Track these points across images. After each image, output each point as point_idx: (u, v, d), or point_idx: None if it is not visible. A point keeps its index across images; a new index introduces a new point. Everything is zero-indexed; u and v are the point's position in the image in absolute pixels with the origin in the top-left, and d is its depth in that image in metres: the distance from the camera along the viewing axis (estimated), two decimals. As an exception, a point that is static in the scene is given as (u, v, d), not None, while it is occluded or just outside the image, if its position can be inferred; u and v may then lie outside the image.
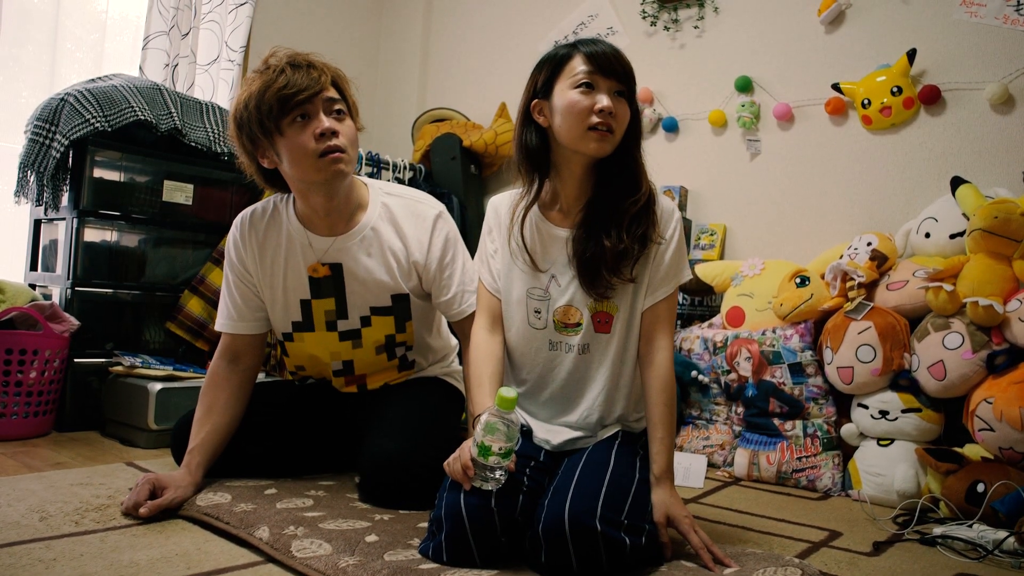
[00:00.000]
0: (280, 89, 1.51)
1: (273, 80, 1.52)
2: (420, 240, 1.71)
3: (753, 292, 2.45)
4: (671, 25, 2.98)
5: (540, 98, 1.45)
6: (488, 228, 1.58)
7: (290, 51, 1.59)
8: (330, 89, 1.58)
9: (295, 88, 1.51)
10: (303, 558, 1.22)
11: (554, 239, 1.49)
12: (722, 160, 2.84)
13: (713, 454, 2.34)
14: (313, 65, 1.57)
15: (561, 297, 1.48)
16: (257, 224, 1.71)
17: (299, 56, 1.57)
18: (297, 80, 1.52)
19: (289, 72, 1.53)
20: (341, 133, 1.57)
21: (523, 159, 1.50)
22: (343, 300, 1.71)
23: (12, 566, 1.16)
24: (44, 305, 2.28)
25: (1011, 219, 1.94)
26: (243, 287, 1.72)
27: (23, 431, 2.19)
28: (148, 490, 1.47)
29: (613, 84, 1.40)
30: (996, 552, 1.53)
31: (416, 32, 3.89)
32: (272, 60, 1.57)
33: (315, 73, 1.55)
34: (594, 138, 1.38)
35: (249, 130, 1.56)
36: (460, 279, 1.72)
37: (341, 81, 1.63)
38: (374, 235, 1.69)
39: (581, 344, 1.48)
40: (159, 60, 2.96)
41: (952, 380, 1.93)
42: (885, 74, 2.42)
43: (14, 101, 2.84)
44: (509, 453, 1.24)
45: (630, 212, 1.42)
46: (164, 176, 2.54)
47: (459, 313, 1.72)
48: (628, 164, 1.45)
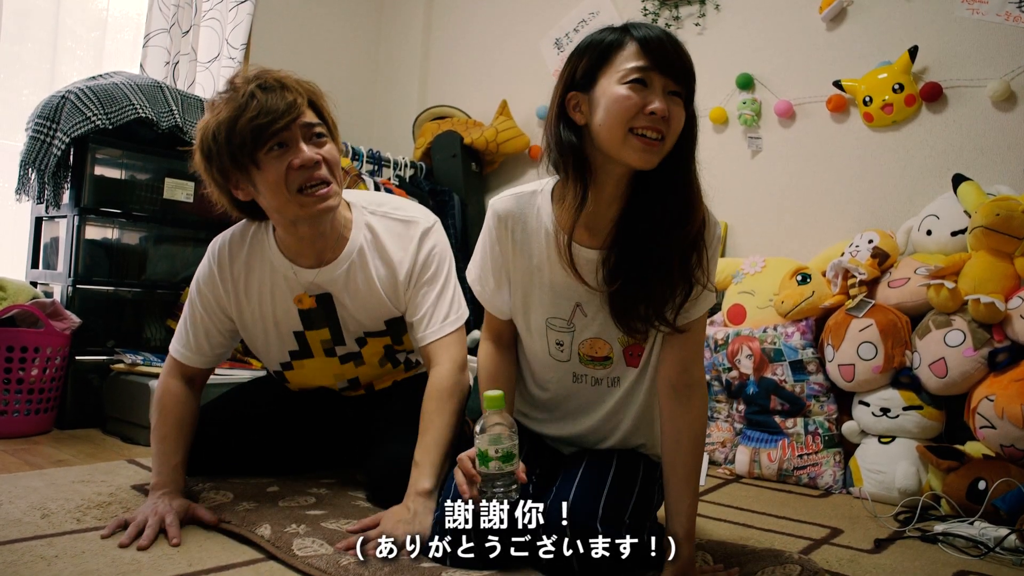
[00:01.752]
0: (253, 118, 1.35)
1: (244, 107, 1.35)
2: (403, 261, 1.56)
3: (754, 290, 2.45)
4: (672, 22, 2.98)
5: (579, 91, 1.21)
6: (492, 239, 1.34)
7: (258, 69, 1.43)
8: (307, 112, 1.42)
9: (269, 116, 1.35)
10: (304, 556, 1.22)
11: (580, 261, 1.25)
12: (723, 157, 2.83)
13: (714, 452, 2.34)
14: (286, 86, 1.40)
15: (587, 329, 1.31)
16: (237, 257, 1.56)
17: (269, 75, 1.41)
18: (271, 106, 1.36)
19: (261, 96, 1.36)
20: (324, 160, 1.42)
21: (568, 156, 1.22)
22: (337, 329, 1.60)
23: (14, 563, 1.16)
24: (45, 303, 2.28)
25: (1013, 216, 1.93)
26: (209, 324, 1.58)
27: (24, 428, 2.19)
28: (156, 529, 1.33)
29: (669, 83, 1.17)
30: (997, 549, 1.53)
31: (417, 29, 3.88)
32: (239, 81, 1.40)
33: (290, 96, 1.39)
34: (638, 147, 1.15)
35: (220, 163, 1.40)
36: (434, 300, 1.55)
37: (318, 99, 1.47)
38: (359, 262, 1.55)
39: (610, 378, 1.35)
40: (160, 58, 2.95)
41: (953, 377, 1.93)
42: (887, 71, 2.42)
43: (15, 99, 2.84)
44: (510, 456, 1.17)
45: (680, 246, 1.20)
46: (165, 174, 2.54)
47: (422, 338, 1.54)
48: (679, 182, 1.21)
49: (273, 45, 3.53)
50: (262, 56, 3.46)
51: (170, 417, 1.53)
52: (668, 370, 1.28)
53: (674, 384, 1.28)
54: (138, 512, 1.35)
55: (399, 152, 3.46)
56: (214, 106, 1.41)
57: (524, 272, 1.31)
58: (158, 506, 1.36)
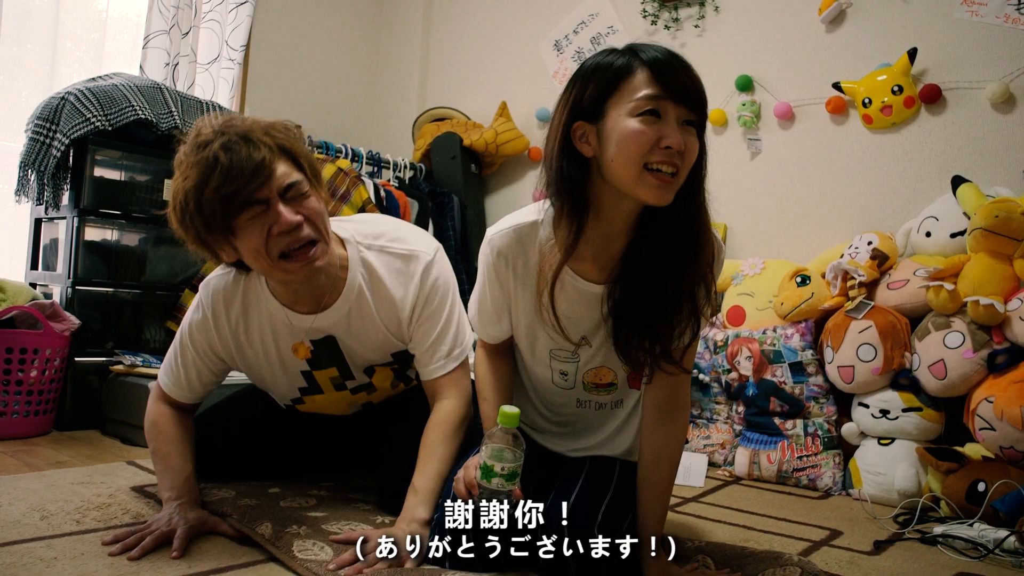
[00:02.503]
0: (219, 188, 1.24)
1: (209, 173, 1.24)
2: (405, 299, 1.47)
3: (754, 291, 2.45)
4: (671, 24, 2.98)
5: (587, 120, 1.14)
6: (491, 275, 1.30)
7: (224, 121, 1.30)
8: (280, 166, 1.29)
9: (235, 184, 1.24)
10: (304, 559, 1.22)
11: (584, 295, 1.24)
12: (722, 159, 2.83)
13: (714, 453, 2.34)
14: (253, 140, 1.27)
15: (593, 360, 1.30)
16: (232, 304, 1.48)
17: (233, 129, 1.28)
18: (237, 170, 1.24)
19: (224, 159, 1.24)
20: (307, 218, 1.31)
21: (565, 195, 1.17)
22: (344, 366, 1.56)
23: (13, 565, 1.16)
24: (45, 304, 2.28)
25: (1012, 218, 1.94)
26: (201, 365, 1.52)
27: (24, 430, 2.19)
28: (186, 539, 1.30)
29: (683, 112, 1.11)
30: (997, 551, 1.53)
31: (416, 31, 3.89)
32: (203, 137, 1.28)
33: (257, 154, 1.26)
34: (653, 184, 1.09)
35: (195, 231, 1.31)
36: (438, 336, 1.47)
37: (292, 145, 1.33)
38: (359, 303, 1.47)
39: (614, 402, 1.37)
40: (159, 59, 2.95)
41: (953, 379, 1.93)
42: (886, 73, 2.42)
43: (14, 100, 2.84)
44: (514, 475, 1.16)
45: (688, 281, 1.17)
46: (165, 175, 2.53)
47: (427, 373, 1.49)
48: (689, 215, 1.16)
49: (273, 47, 3.53)
50: (262, 58, 3.47)
51: (169, 435, 1.49)
52: (656, 393, 1.27)
53: (660, 405, 1.27)
54: (152, 521, 1.31)
55: (398, 154, 3.46)
56: (181, 167, 1.30)
57: (527, 305, 1.29)
58: (173, 518, 1.31)
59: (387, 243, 1.48)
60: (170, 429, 1.50)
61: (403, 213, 3.01)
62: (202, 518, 1.35)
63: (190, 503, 1.37)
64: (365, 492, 1.65)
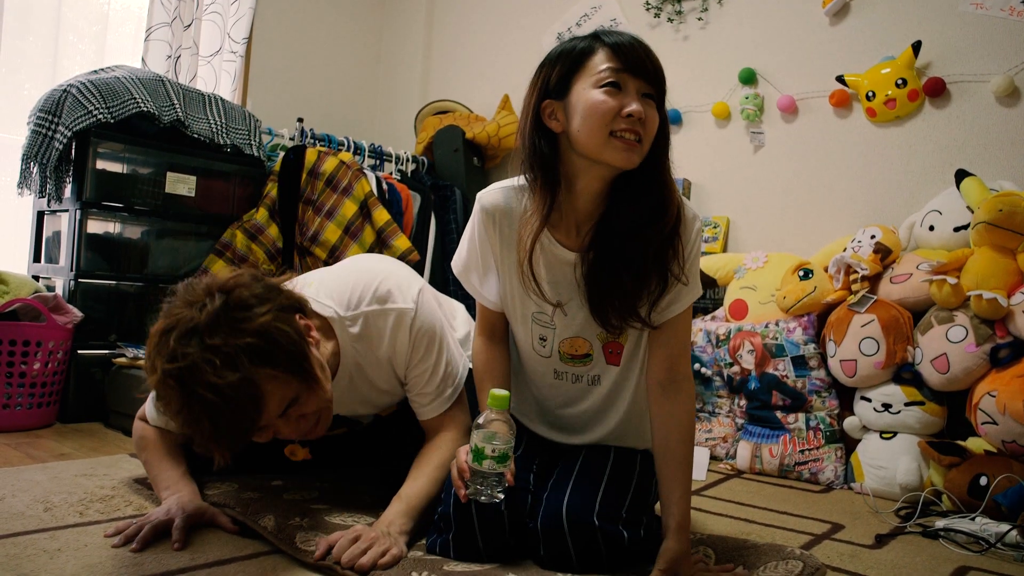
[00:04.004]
0: (210, 440, 1.16)
1: (194, 430, 1.15)
2: (395, 355, 1.43)
3: (756, 285, 2.44)
4: (675, 17, 2.97)
5: (553, 98, 1.23)
6: (479, 232, 1.34)
7: (198, 367, 1.10)
8: (271, 405, 1.18)
9: (223, 444, 1.17)
10: (308, 550, 1.22)
11: (560, 262, 1.30)
12: (726, 152, 2.83)
13: (716, 447, 2.34)
14: (239, 405, 1.13)
15: (568, 328, 1.33)
16: None
17: (211, 389, 1.10)
18: (226, 431, 1.15)
19: (209, 426, 1.13)
20: (307, 415, 1.27)
21: (538, 170, 1.25)
22: (352, 424, 1.59)
23: (17, 556, 1.16)
24: (47, 296, 2.28)
25: (1016, 212, 1.93)
26: None
27: (27, 422, 2.19)
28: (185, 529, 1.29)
29: (642, 85, 1.20)
30: (998, 545, 1.53)
31: (419, 24, 3.88)
32: (178, 392, 1.12)
33: (245, 416, 1.15)
34: (619, 147, 1.18)
35: None
36: (429, 379, 1.45)
37: (281, 370, 1.17)
38: (354, 380, 1.45)
39: (591, 376, 1.37)
40: (161, 52, 2.95)
41: (955, 373, 1.93)
42: (890, 66, 2.41)
43: (17, 93, 2.84)
44: (505, 457, 1.18)
45: (654, 242, 1.24)
46: (167, 168, 2.54)
47: (423, 414, 1.48)
48: (653, 181, 1.24)
49: (274, 39, 3.53)
50: (264, 50, 3.46)
51: (157, 445, 1.48)
52: (655, 367, 1.32)
53: (661, 381, 1.30)
54: (151, 513, 1.31)
55: (401, 147, 3.46)
56: (159, 397, 1.16)
57: (512, 265, 1.32)
58: (171, 509, 1.31)
59: (368, 307, 1.41)
60: (157, 440, 1.49)
61: (405, 206, 3.01)
62: (200, 508, 1.35)
63: (188, 495, 1.37)
64: (369, 484, 1.65)
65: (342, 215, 2.72)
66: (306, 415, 1.27)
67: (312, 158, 2.78)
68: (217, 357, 1.10)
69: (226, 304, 1.15)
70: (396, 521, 1.28)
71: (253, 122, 2.74)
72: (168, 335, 1.13)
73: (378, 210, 2.77)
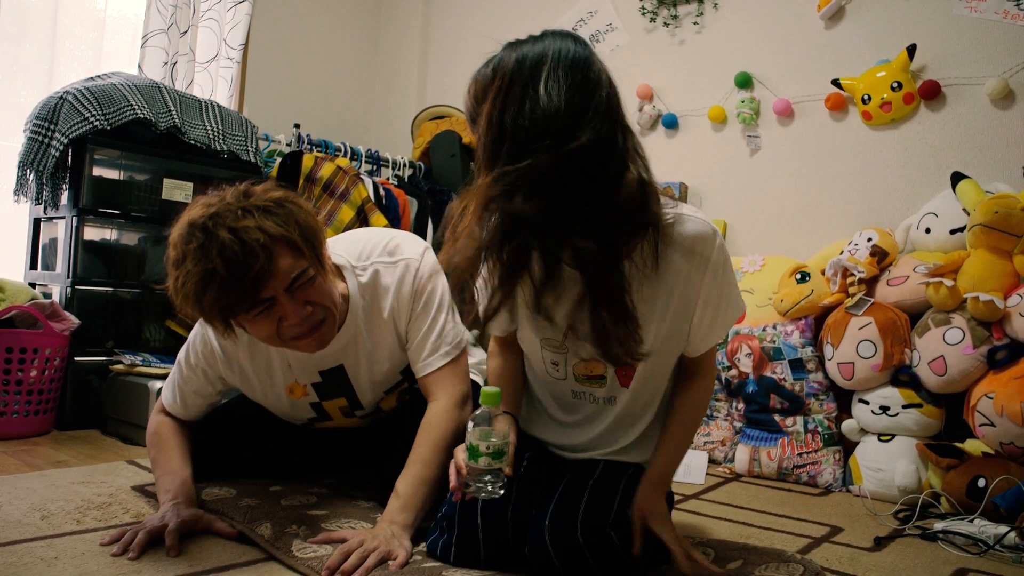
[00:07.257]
0: (216, 300, 1.24)
1: (206, 285, 1.22)
2: (399, 305, 1.49)
3: (753, 288, 2.45)
4: (670, 21, 2.98)
5: None
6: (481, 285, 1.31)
7: (216, 212, 1.26)
8: (282, 263, 1.26)
9: (235, 296, 1.24)
10: (304, 558, 1.22)
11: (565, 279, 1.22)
12: (722, 156, 2.83)
13: (714, 450, 2.34)
14: (247, 244, 1.22)
15: (582, 350, 1.29)
16: (240, 339, 1.48)
17: (227, 229, 1.23)
18: (233, 282, 1.22)
19: (223, 270, 1.21)
20: (314, 305, 1.33)
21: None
22: (353, 397, 1.59)
23: (14, 564, 1.16)
24: (44, 304, 2.28)
25: (1011, 214, 1.93)
26: (207, 390, 1.57)
27: (24, 430, 2.19)
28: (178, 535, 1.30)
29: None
30: (997, 547, 1.53)
31: (415, 28, 3.88)
32: (197, 240, 1.24)
33: (255, 261, 1.23)
34: None
35: (201, 319, 1.37)
36: (426, 332, 1.49)
37: (290, 232, 1.28)
38: (362, 328, 1.50)
39: (607, 396, 1.37)
40: (158, 58, 2.95)
41: (953, 375, 1.93)
42: (885, 69, 2.42)
43: (13, 100, 2.84)
44: (500, 453, 1.18)
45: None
46: (163, 174, 2.53)
47: (418, 371, 1.50)
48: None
49: (271, 45, 3.53)
50: (261, 57, 3.47)
51: (168, 443, 1.52)
52: (683, 366, 1.37)
53: (685, 372, 1.37)
54: (147, 520, 1.31)
55: (398, 152, 3.46)
56: (173, 260, 1.29)
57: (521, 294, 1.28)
58: (166, 515, 1.31)
59: (378, 259, 1.51)
60: (170, 437, 1.54)
61: (402, 211, 3.01)
62: (196, 515, 1.35)
63: (185, 502, 1.38)
64: (367, 490, 1.65)
65: (339, 220, 2.72)
66: (313, 303, 1.32)
67: (309, 164, 2.78)
68: (239, 208, 1.26)
69: (245, 192, 1.31)
70: (397, 518, 1.30)
71: (250, 128, 2.74)
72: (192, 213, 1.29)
73: (375, 215, 2.77)
